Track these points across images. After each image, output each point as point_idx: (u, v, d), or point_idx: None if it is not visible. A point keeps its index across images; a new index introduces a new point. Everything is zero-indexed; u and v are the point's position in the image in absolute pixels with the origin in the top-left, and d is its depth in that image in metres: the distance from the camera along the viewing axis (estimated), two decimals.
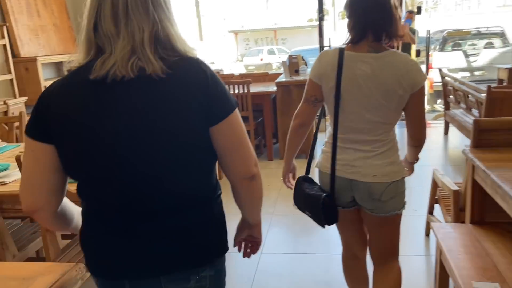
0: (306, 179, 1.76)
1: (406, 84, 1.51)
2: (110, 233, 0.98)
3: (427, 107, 7.88)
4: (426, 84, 7.63)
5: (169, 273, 0.98)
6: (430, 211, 2.71)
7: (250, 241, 1.21)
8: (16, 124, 2.98)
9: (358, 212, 1.74)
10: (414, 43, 5.65)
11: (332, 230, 3.02)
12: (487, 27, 9.04)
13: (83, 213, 1.04)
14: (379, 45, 1.55)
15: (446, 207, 2.45)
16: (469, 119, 4.50)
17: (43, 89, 4.34)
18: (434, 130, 5.62)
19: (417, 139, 1.68)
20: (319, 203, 1.60)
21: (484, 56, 8.21)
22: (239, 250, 1.23)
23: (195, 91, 0.91)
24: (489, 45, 8.86)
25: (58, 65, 5.66)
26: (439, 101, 8.24)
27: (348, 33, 1.59)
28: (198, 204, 0.99)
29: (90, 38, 0.93)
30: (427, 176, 4.08)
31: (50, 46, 5.26)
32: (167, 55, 0.93)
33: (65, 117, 0.91)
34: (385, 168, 1.58)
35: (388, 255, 1.77)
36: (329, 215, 1.63)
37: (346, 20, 1.63)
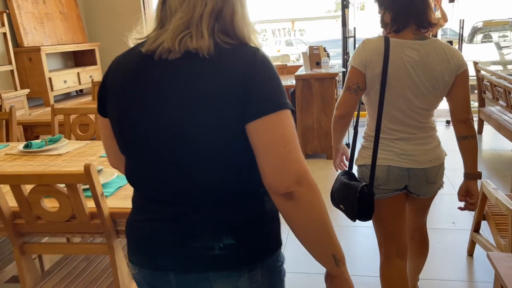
0: (347, 173, 1.74)
1: (452, 67, 1.55)
2: (156, 221, 0.93)
3: None
4: None
5: (218, 269, 0.91)
6: (476, 229, 2.33)
7: None
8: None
9: (406, 196, 1.72)
10: (446, 21, 5.28)
11: (357, 250, 2.71)
12: None
13: (132, 198, 1.01)
14: (422, 33, 1.58)
15: (498, 227, 2.08)
16: (509, 118, 4.08)
17: (47, 81, 4.11)
18: None
19: (466, 123, 1.62)
20: (356, 192, 1.57)
21: None
22: None
23: (233, 79, 0.83)
24: None
25: (65, 55, 5.39)
26: None
27: (387, 26, 1.61)
28: (245, 199, 0.91)
29: (157, 13, 0.92)
30: (458, 182, 3.74)
31: (57, 35, 4.98)
32: (222, 41, 0.87)
33: (113, 91, 0.91)
34: (435, 151, 1.64)
35: (423, 225, 1.90)
36: (364, 208, 1.59)
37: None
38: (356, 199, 1.56)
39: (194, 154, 0.85)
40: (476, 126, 4.90)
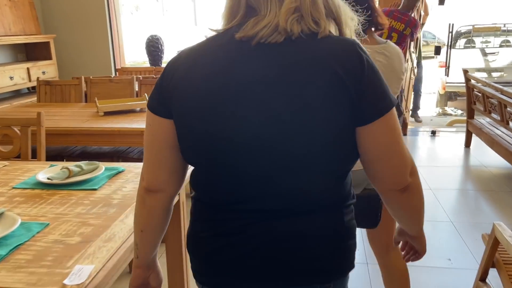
0: None
1: (403, 67, 1.63)
2: (223, 234, 0.85)
3: (438, 110, 7.14)
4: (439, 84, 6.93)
5: (289, 286, 0.85)
6: (483, 278, 1.94)
7: (411, 248, 1.10)
8: None
9: None
10: (428, 14, 5.16)
11: None
12: (505, 23, 8.25)
13: (193, 210, 0.91)
14: (378, 36, 1.62)
15: None
16: (502, 133, 3.75)
17: None
18: (449, 141, 4.86)
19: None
20: (378, 199, 1.53)
21: (502, 56, 7.43)
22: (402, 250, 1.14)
23: (343, 71, 0.75)
24: (506, 43, 8.10)
25: (15, 47, 4.80)
26: (449, 103, 7.49)
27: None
28: (325, 210, 0.84)
29: (240, 0, 0.81)
30: (444, 204, 3.27)
31: (4, 25, 4.39)
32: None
33: (189, 87, 0.80)
34: None
35: (389, 247, 1.86)
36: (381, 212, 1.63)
37: None
38: (380, 204, 1.58)
39: (292, 159, 0.78)
40: (463, 139, 4.59)
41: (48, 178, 1.57)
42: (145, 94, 3.12)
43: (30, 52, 4.93)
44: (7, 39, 4.29)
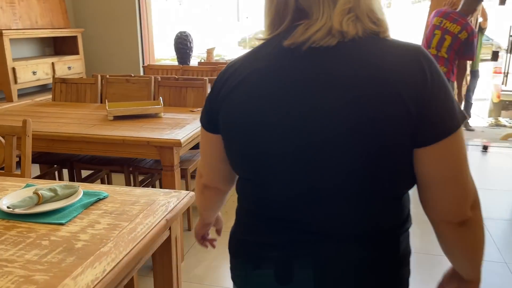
0: None
1: None
2: (269, 245, 0.83)
3: (490, 120, 6.50)
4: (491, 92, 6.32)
5: None
6: None
7: None
8: None
9: None
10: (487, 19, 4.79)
11: None
12: None
13: (238, 211, 0.92)
14: None
15: None
16: None
17: (10, 72, 3.39)
18: (504, 158, 4.31)
19: None
20: None
21: None
22: None
23: (404, 92, 0.67)
24: None
25: (43, 41, 4.68)
26: (503, 112, 6.82)
27: None
28: (377, 237, 0.78)
29: (288, 3, 0.77)
30: (496, 239, 2.72)
31: (31, 18, 4.26)
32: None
33: (235, 100, 0.78)
34: None
35: None
36: None
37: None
38: None
39: (343, 178, 0.72)
40: None
41: (9, 207, 1.30)
42: (160, 97, 2.84)
43: (59, 46, 4.81)
44: (30, 32, 4.15)
